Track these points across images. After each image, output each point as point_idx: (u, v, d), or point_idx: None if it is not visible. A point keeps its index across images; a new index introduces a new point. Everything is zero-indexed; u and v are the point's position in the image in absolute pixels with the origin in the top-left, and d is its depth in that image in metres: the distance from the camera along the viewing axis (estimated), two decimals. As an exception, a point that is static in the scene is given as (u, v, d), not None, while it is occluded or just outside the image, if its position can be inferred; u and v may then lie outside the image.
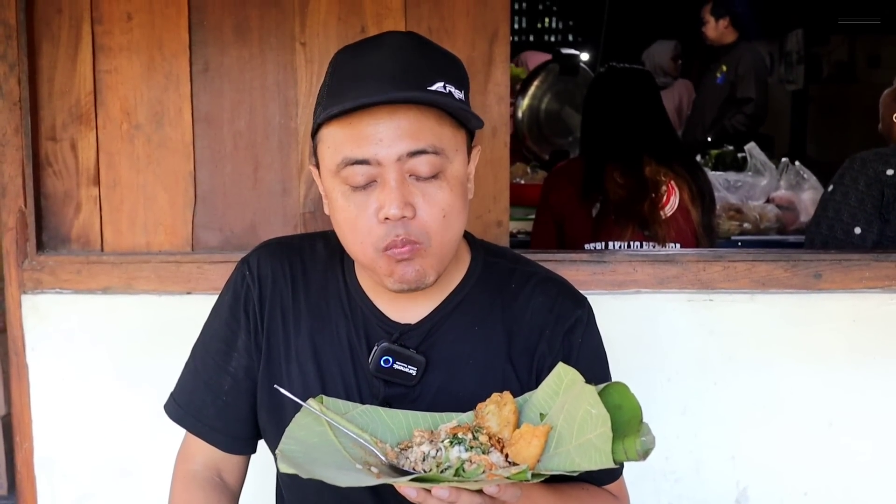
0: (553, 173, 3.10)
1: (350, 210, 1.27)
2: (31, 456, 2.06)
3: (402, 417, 1.29)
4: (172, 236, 2.06)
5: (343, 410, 1.29)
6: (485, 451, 1.19)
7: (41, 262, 2.02)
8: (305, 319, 1.41)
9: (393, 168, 1.23)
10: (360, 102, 1.20)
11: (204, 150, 2.04)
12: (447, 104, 1.24)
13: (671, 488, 2.07)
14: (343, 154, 1.24)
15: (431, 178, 1.26)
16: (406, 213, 1.24)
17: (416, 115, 1.23)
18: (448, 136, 1.27)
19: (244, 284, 1.44)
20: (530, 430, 1.19)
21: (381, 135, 1.22)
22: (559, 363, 1.24)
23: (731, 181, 3.82)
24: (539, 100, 4.68)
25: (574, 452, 1.16)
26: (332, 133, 1.26)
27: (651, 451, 1.14)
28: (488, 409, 1.24)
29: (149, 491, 2.03)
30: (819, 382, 2.05)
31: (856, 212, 2.55)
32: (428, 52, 1.31)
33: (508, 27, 2.03)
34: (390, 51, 1.27)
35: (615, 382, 1.21)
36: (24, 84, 1.98)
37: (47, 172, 2.04)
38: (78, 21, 2.01)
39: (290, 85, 2.03)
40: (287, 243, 1.49)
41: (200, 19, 2.01)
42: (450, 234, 1.29)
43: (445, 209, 1.27)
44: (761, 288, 2.02)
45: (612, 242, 2.64)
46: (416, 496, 1.11)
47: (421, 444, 1.22)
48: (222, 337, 1.46)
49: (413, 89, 1.23)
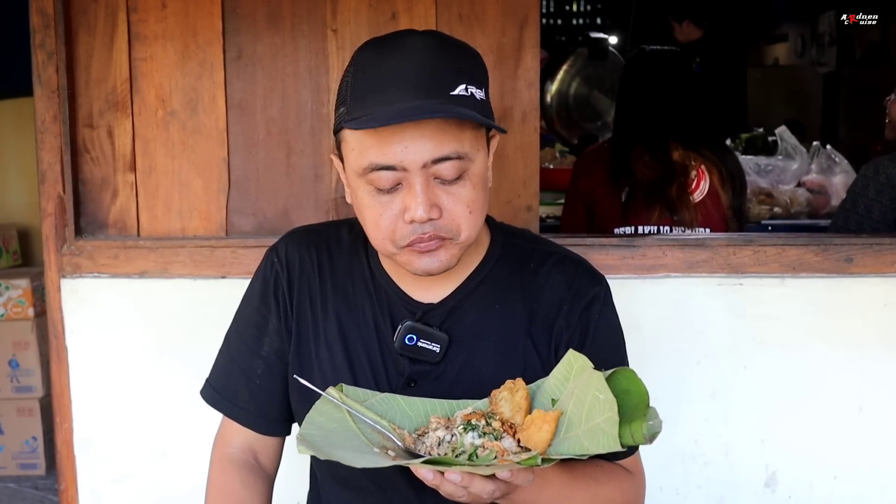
0: (583, 157, 3.10)
1: (376, 209, 1.31)
2: (70, 437, 2.10)
3: (420, 405, 1.33)
4: (207, 221, 2.09)
5: (362, 398, 1.33)
6: (497, 437, 1.22)
7: (79, 247, 2.06)
8: (332, 302, 1.46)
9: (418, 174, 1.27)
10: (385, 123, 1.22)
11: (237, 136, 2.07)
12: (470, 116, 1.26)
13: (700, 471, 2.08)
14: (369, 160, 1.27)
15: (457, 180, 1.29)
16: (432, 214, 1.28)
17: (439, 124, 1.26)
18: (469, 139, 1.30)
19: (273, 271, 1.49)
20: (541, 415, 1.22)
21: (405, 142, 1.25)
22: (570, 350, 1.27)
23: (761, 165, 3.79)
24: (568, 84, 4.66)
25: (583, 437, 1.20)
26: (357, 137, 1.29)
27: (658, 434, 1.18)
28: (501, 396, 1.27)
29: (186, 472, 2.08)
30: (849, 367, 2.05)
31: (862, 220, 2.53)
32: (448, 53, 1.32)
33: (538, 12, 2.03)
34: (412, 54, 1.28)
35: (623, 368, 1.24)
36: (62, 72, 2.01)
37: (85, 159, 2.08)
38: (114, 10, 2.04)
39: (322, 72, 2.05)
40: (313, 230, 1.54)
41: (233, 7, 2.04)
42: (475, 226, 1.33)
43: (470, 206, 1.31)
44: (791, 272, 2.02)
45: (641, 227, 2.64)
46: (432, 479, 1.15)
47: (437, 429, 1.26)
48: (254, 322, 1.50)
49: (435, 96, 1.25)
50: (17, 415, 4.01)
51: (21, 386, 3.99)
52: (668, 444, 1.78)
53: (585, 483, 1.38)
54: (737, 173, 2.79)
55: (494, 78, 1.96)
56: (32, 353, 3.99)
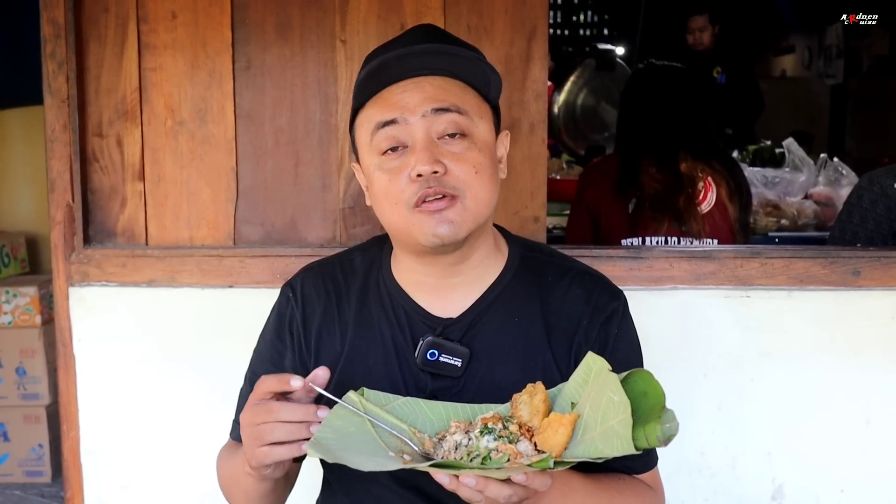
0: (589, 169, 3.11)
1: (384, 178, 1.35)
2: (77, 444, 2.11)
3: (442, 409, 1.32)
4: (215, 231, 2.10)
5: (384, 402, 1.32)
6: (514, 440, 1.22)
7: (88, 256, 2.07)
8: (351, 328, 1.47)
9: (420, 127, 1.32)
10: (383, 59, 1.33)
11: (246, 146, 2.08)
12: (463, 57, 1.36)
13: (707, 484, 2.07)
14: (374, 121, 1.35)
15: (460, 138, 1.34)
16: (437, 168, 1.31)
17: (440, 82, 1.35)
18: (471, 102, 1.37)
19: (288, 306, 1.51)
20: (558, 418, 1.22)
21: (406, 99, 1.34)
22: (588, 353, 1.27)
23: (768, 177, 3.79)
24: (575, 95, 4.68)
25: (598, 439, 1.19)
26: (366, 113, 1.38)
27: (673, 437, 1.16)
28: (521, 399, 1.27)
29: (192, 480, 2.08)
30: (857, 380, 2.04)
31: (857, 230, 2.54)
32: (452, 36, 1.46)
33: (546, 24, 2.04)
34: (415, 33, 1.42)
35: (639, 370, 1.23)
36: (72, 82, 2.02)
37: (94, 168, 2.09)
38: (124, 20, 2.05)
39: (331, 82, 2.06)
40: (327, 263, 1.56)
41: (243, 18, 2.05)
42: (483, 191, 1.35)
43: (476, 166, 1.34)
44: (799, 284, 2.02)
45: (649, 238, 2.64)
46: (448, 483, 1.15)
47: (455, 433, 1.26)
48: (269, 358, 1.52)
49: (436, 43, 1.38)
50: (24, 422, 4.02)
51: (28, 393, 3.99)
52: (674, 456, 1.77)
53: (609, 494, 1.38)
54: (744, 186, 2.79)
55: (502, 89, 1.97)
56: (39, 361, 3.99)
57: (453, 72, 1.37)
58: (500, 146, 1.44)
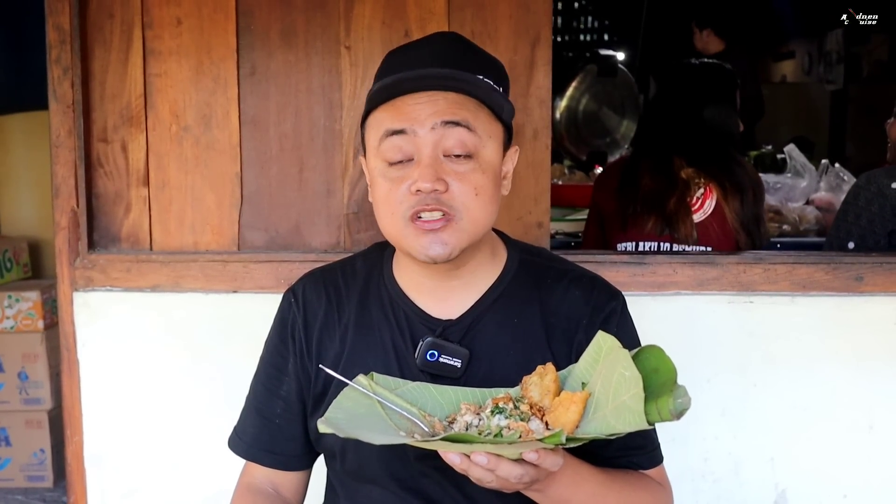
0: (603, 171, 3.10)
1: (385, 186, 1.36)
2: (80, 450, 2.11)
3: (452, 393, 1.33)
4: (219, 236, 2.10)
5: (393, 387, 1.33)
6: (525, 419, 1.22)
7: (92, 261, 2.07)
8: (351, 332, 1.48)
9: (428, 141, 1.33)
10: (399, 77, 1.33)
11: (250, 151, 2.09)
12: (480, 86, 1.35)
13: (710, 489, 2.07)
14: (384, 128, 1.35)
15: (465, 158, 1.34)
16: (438, 186, 1.32)
17: (454, 97, 1.34)
18: (483, 121, 1.36)
19: (291, 311, 1.52)
20: (569, 396, 1.22)
21: (419, 111, 1.34)
22: (599, 332, 1.27)
23: (770, 183, 3.79)
24: (577, 101, 4.69)
25: (610, 416, 1.19)
26: (377, 116, 1.38)
27: (685, 411, 1.16)
28: (532, 381, 1.28)
29: (196, 486, 2.08)
30: (859, 385, 2.04)
31: (851, 227, 2.56)
32: (471, 50, 1.44)
33: (550, 31, 2.05)
34: (434, 46, 1.41)
35: (650, 345, 1.23)
36: (77, 87, 2.03)
37: (99, 173, 2.09)
38: (129, 26, 2.06)
39: (335, 88, 2.06)
40: (329, 268, 1.57)
41: (248, 24, 2.05)
42: (482, 213, 1.36)
43: (477, 188, 1.35)
44: (802, 290, 2.02)
45: (641, 243, 2.63)
46: (459, 462, 1.16)
47: (465, 414, 1.26)
48: (272, 363, 1.53)
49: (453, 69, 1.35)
50: (26, 427, 4.01)
51: (30, 398, 3.99)
52: (677, 462, 1.77)
53: (619, 486, 1.39)
54: (746, 182, 2.72)
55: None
56: (41, 366, 3.99)
57: (468, 90, 1.36)
58: (509, 161, 1.44)
